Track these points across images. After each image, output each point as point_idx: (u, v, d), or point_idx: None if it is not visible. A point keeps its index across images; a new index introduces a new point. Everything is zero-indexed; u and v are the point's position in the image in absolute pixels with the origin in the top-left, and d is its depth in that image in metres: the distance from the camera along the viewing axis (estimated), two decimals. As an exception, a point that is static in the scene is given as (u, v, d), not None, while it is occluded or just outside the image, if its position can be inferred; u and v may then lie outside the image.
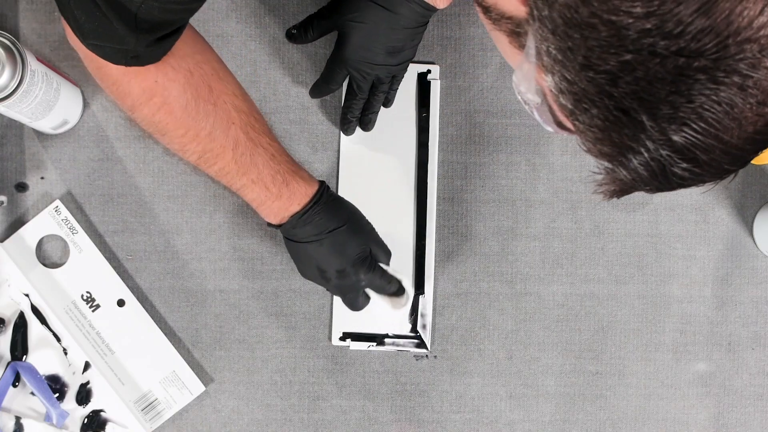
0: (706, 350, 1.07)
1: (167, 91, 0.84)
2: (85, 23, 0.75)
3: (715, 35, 0.47)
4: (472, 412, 1.05)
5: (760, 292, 1.07)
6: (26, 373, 0.98)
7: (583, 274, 1.06)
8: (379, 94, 0.99)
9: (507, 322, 1.05)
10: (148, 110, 0.85)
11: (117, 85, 0.83)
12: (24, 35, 1.01)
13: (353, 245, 0.93)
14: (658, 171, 0.51)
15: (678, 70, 0.48)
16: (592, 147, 0.54)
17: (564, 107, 0.54)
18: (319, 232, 0.92)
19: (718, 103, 0.48)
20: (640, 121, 0.50)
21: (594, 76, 0.50)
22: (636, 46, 0.48)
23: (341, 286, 0.95)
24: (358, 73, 0.97)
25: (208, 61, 0.88)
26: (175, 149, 0.89)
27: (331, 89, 1.00)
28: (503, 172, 1.05)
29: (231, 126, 0.88)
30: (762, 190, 1.08)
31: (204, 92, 0.86)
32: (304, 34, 0.99)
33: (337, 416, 1.03)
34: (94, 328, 1.00)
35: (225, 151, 0.88)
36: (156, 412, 1.01)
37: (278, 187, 0.91)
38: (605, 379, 1.06)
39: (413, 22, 0.93)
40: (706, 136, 0.49)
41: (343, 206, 0.94)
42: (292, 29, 1.00)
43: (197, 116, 0.86)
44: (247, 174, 0.90)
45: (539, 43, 0.53)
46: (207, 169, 0.90)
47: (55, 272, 1.01)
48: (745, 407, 1.07)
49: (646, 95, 0.49)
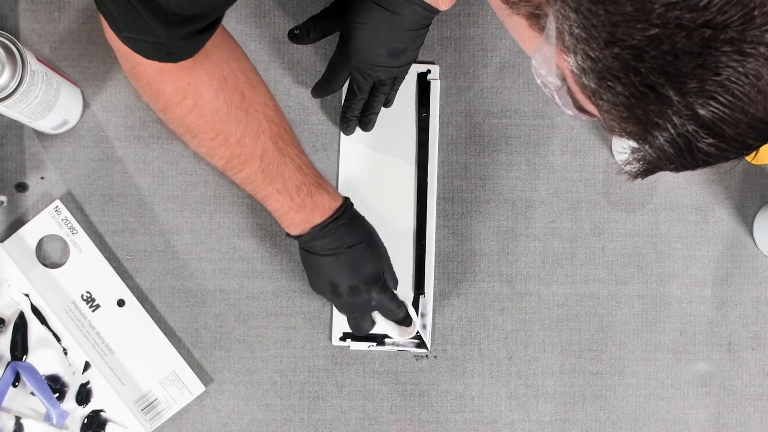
0: (706, 350, 1.07)
1: (199, 93, 0.84)
2: (118, 17, 0.75)
3: (741, 7, 0.47)
4: (472, 412, 1.05)
5: (760, 292, 1.07)
6: (26, 373, 0.98)
7: (583, 274, 1.06)
8: (380, 95, 1.00)
9: (507, 322, 1.05)
10: (180, 111, 0.85)
11: (151, 84, 0.84)
12: (24, 35, 1.01)
13: (369, 263, 0.94)
14: (684, 147, 0.51)
15: (704, 42, 0.48)
16: (616, 125, 0.54)
17: (587, 87, 0.53)
18: (338, 246, 0.92)
19: (745, 75, 0.48)
20: (667, 96, 0.50)
21: (619, 52, 0.50)
22: (662, 20, 0.48)
23: (352, 303, 0.96)
24: (359, 74, 0.97)
25: (243, 69, 0.88)
26: (203, 152, 0.90)
27: (332, 89, 1.00)
28: (503, 172, 1.05)
29: (261, 135, 0.88)
30: (762, 190, 1.08)
31: (236, 99, 0.87)
32: (306, 35, 0.99)
33: (337, 416, 1.03)
34: (94, 328, 1.00)
35: (253, 158, 0.89)
36: (156, 412, 1.01)
37: (302, 198, 0.91)
38: (605, 379, 1.06)
39: (415, 23, 0.93)
40: (733, 110, 0.49)
41: (364, 224, 0.95)
42: (294, 30, 1.00)
43: (228, 122, 0.87)
44: (273, 183, 0.90)
45: (561, 23, 0.52)
46: (233, 175, 0.91)
47: (55, 272, 1.00)
48: (745, 407, 1.07)
49: (673, 69, 0.49)
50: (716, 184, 1.07)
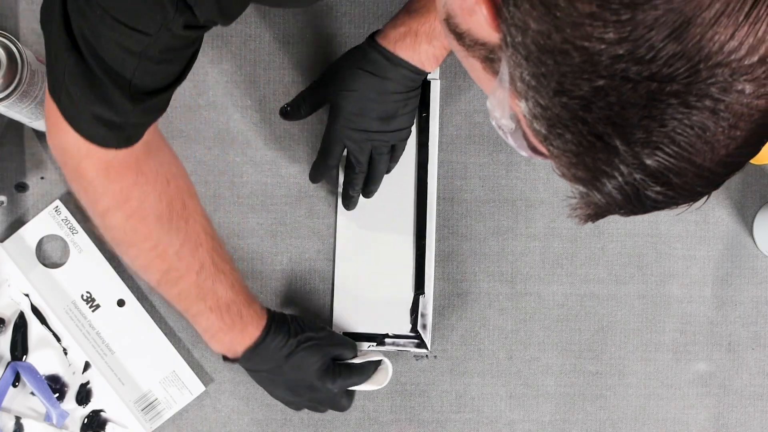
0: (706, 350, 1.07)
1: (144, 195, 0.82)
2: (80, 95, 0.72)
3: (686, 60, 0.47)
4: (472, 412, 1.05)
5: (760, 292, 1.07)
6: (26, 373, 0.98)
7: (583, 274, 1.06)
8: (380, 165, 0.98)
9: (507, 322, 1.05)
10: (121, 215, 0.82)
11: (93, 185, 0.80)
12: (24, 35, 1.01)
13: (313, 361, 0.94)
14: (632, 194, 0.52)
15: (650, 95, 0.48)
16: (566, 172, 0.54)
17: (538, 132, 0.54)
18: (277, 359, 0.93)
19: (691, 127, 0.48)
20: (614, 146, 0.50)
21: (567, 101, 0.50)
22: (609, 72, 0.48)
23: (316, 399, 0.96)
24: (353, 143, 0.96)
25: (182, 176, 0.86)
26: (138, 265, 0.87)
27: (330, 166, 0.99)
28: (503, 172, 1.05)
29: (199, 247, 0.86)
30: (762, 190, 1.08)
31: (178, 206, 0.84)
32: (297, 111, 0.99)
33: (337, 416, 1.03)
34: (94, 328, 1.00)
35: (189, 272, 0.86)
36: (156, 412, 1.01)
37: (232, 318, 0.90)
38: (605, 379, 1.06)
39: (403, 86, 0.93)
40: (679, 160, 0.50)
41: (294, 327, 0.94)
42: (285, 106, 0.99)
43: (170, 230, 0.84)
44: (206, 300, 0.89)
45: (513, 69, 0.53)
46: (167, 290, 0.88)
47: (55, 272, 1.01)
48: (745, 407, 1.07)
49: (619, 120, 0.49)
50: (716, 184, 1.07)
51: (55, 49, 0.72)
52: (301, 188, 1.04)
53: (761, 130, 0.50)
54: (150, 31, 0.67)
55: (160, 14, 0.66)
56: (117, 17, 0.67)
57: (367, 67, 0.93)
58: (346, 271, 1.04)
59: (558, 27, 0.49)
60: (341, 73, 0.95)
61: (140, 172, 0.81)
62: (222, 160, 1.03)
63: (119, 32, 0.67)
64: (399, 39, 0.92)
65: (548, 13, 0.49)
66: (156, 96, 0.74)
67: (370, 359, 0.98)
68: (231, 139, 1.03)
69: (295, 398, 0.96)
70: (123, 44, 0.68)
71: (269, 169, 1.03)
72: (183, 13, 0.66)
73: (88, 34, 0.69)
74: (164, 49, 0.70)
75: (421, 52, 0.92)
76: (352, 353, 0.98)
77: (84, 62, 0.70)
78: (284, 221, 1.04)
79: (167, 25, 0.67)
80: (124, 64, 0.70)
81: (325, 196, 1.04)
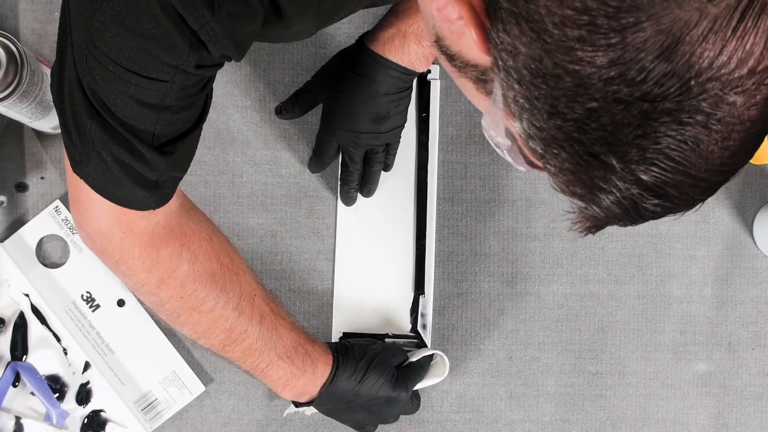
0: (706, 350, 1.07)
1: (194, 256, 0.81)
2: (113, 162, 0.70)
3: (677, 78, 0.47)
4: (472, 412, 1.05)
5: (760, 292, 1.07)
6: (26, 373, 0.98)
7: (583, 274, 1.06)
8: (375, 165, 0.99)
9: (507, 322, 1.05)
10: (176, 282, 0.80)
11: (141, 260, 0.78)
12: (24, 35, 1.01)
13: (384, 378, 0.94)
14: (630, 208, 0.52)
15: (643, 114, 0.49)
16: (564, 188, 0.55)
17: (534, 151, 0.55)
18: (353, 388, 0.93)
19: (684, 142, 0.49)
20: (610, 164, 0.51)
21: (562, 123, 0.51)
22: (601, 95, 0.48)
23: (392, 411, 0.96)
24: (347, 143, 0.96)
25: (219, 231, 0.86)
26: (201, 331, 0.85)
27: (325, 163, 1.00)
28: (503, 172, 1.05)
29: (254, 298, 0.86)
30: (762, 190, 1.08)
31: (226, 261, 0.83)
32: (291, 110, 0.99)
33: (337, 416, 1.03)
34: (94, 328, 1.00)
35: (252, 325, 0.85)
36: (156, 412, 1.01)
37: (302, 360, 0.90)
38: (605, 379, 1.06)
39: (393, 87, 0.93)
40: (674, 174, 0.50)
41: (359, 350, 0.95)
42: (279, 106, 1.00)
43: (225, 286, 0.83)
44: (275, 349, 0.87)
45: (506, 90, 0.53)
46: (233, 350, 0.86)
47: (55, 272, 1.00)
48: (745, 407, 1.07)
49: (613, 140, 0.50)
50: (716, 184, 1.07)
51: (75, 121, 0.70)
52: (301, 188, 1.04)
53: (754, 138, 0.50)
54: (165, 78, 0.66)
55: (174, 56, 0.64)
56: (130, 68, 0.65)
57: (357, 70, 0.93)
58: (346, 271, 1.04)
59: (548, 51, 0.49)
60: (332, 76, 0.95)
61: (184, 234, 0.80)
62: (222, 160, 1.03)
63: (134, 85, 0.66)
64: (388, 41, 0.92)
65: (538, 38, 0.49)
66: (181, 142, 0.72)
67: (423, 354, 0.99)
68: (231, 139, 1.03)
69: (372, 416, 0.96)
70: (139, 98, 0.67)
71: (269, 169, 1.03)
72: (197, 50, 0.65)
73: (104, 97, 0.67)
74: (180, 96, 0.68)
75: (411, 52, 0.92)
76: (405, 355, 0.98)
77: (109, 125, 0.68)
78: (284, 221, 1.04)
79: (181, 67, 0.65)
80: (144, 119, 0.68)
81: (325, 196, 1.04)
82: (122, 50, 0.64)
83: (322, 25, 0.76)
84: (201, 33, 0.63)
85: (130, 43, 0.63)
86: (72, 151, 0.72)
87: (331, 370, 0.92)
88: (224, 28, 0.63)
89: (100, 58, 0.65)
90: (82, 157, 0.71)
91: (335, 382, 0.92)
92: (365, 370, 0.93)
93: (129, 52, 0.64)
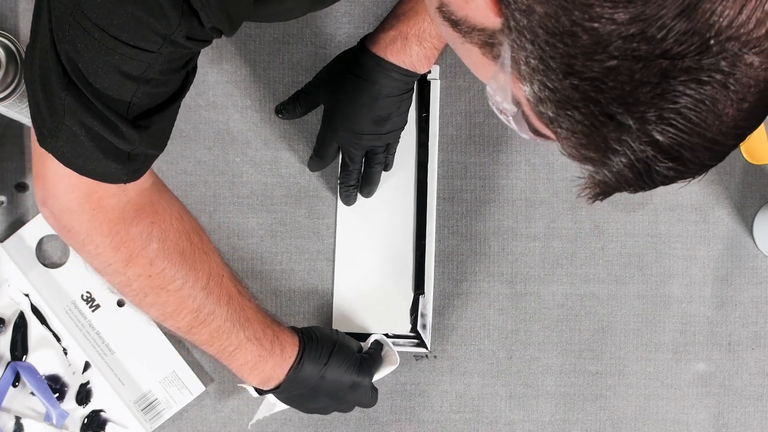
0: (706, 350, 1.07)
1: (165, 234, 0.79)
2: (86, 134, 0.69)
3: (697, 37, 0.48)
4: (472, 412, 1.05)
5: (760, 292, 1.07)
6: (26, 373, 0.98)
7: (583, 274, 1.06)
8: (376, 165, 0.99)
9: (507, 322, 1.05)
10: (145, 260, 0.78)
11: (112, 233, 0.76)
12: (24, 35, 1.01)
13: (348, 363, 0.93)
14: (642, 171, 0.52)
15: (662, 72, 0.49)
16: (575, 152, 0.54)
17: (543, 115, 0.54)
18: (317, 372, 0.92)
19: (702, 102, 0.49)
20: (626, 124, 0.50)
21: (578, 83, 0.50)
22: (620, 52, 0.48)
23: (353, 398, 0.96)
24: (347, 144, 0.96)
25: (188, 211, 0.84)
26: (168, 312, 0.83)
27: (325, 163, 1.00)
28: (503, 172, 1.05)
29: (222, 278, 0.84)
30: (762, 190, 1.08)
31: (196, 239, 0.82)
32: (292, 111, 0.99)
33: (337, 416, 1.03)
34: (94, 328, 1.01)
35: (220, 306, 0.84)
36: (156, 412, 1.01)
37: (271, 342, 0.89)
38: (605, 379, 1.06)
39: (395, 90, 0.93)
40: (690, 135, 0.50)
41: (321, 333, 0.94)
42: (280, 106, 1.00)
43: (195, 264, 0.81)
44: (244, 330, 0.86)
45: (516, 53, 0.53)
46: (200, 331, 0.85)
47: (55, 272, 1.01)
48: (745, 407, 1.07)
49: (631, 99, 0.50)
50: (716, 184, 1.07)
51: (45, 93, 0.68)
52: (301, 188, 1.04)
53: (766, 101, 0.51)
54: (152, 48, 0.65)
55: (164, 24, 0.64)
56: (118, 36, 0.64)
57: (359, 73, 0.93)
58: (346, 271, 1.04)
59: (566, 9, 0.49)
60: (333, 78, 0.95)
61: (155, 212, 0.79)
62: (222, 160, 1.03)
63: (119, 54, 0.65)
64: (389, 43, 0.92)
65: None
66: (156, 116, 0.71)
67: (371, 341, 0.99)
68: (231, 139, 1.03)
69: (335, 403, 0.96)
70: (122, 69, 0.66)
71: (269, 169, 1.03)
72: (188, 20, 0.64)
73: (83, 66, 0.66)
74: (164, 70, 0.67)
75: (412, 54, 0.92)
76: (359, 344, 0.98)
77: (83, 95, 0.67)
78: (284, 221, 1.04)
79: (171, 36, 0.65)
80: (122, 91, 0.67)
81: (325, 196, 1.04)
82: (112, 17, 0.63)
83: (316, 4, 0.75)
84: (193, 0, 0.63)
85: (120, 10, 0.63)
86: (40, 124, 0.70)
87: (298, 352, 0.91)
88: None
89: (86, 25, 0.64)
90: (51, 130, 0.69)
91: (302, 365, 0.91)
92: (330, 353, 0.92)
93: (119, 18, 0.63)
